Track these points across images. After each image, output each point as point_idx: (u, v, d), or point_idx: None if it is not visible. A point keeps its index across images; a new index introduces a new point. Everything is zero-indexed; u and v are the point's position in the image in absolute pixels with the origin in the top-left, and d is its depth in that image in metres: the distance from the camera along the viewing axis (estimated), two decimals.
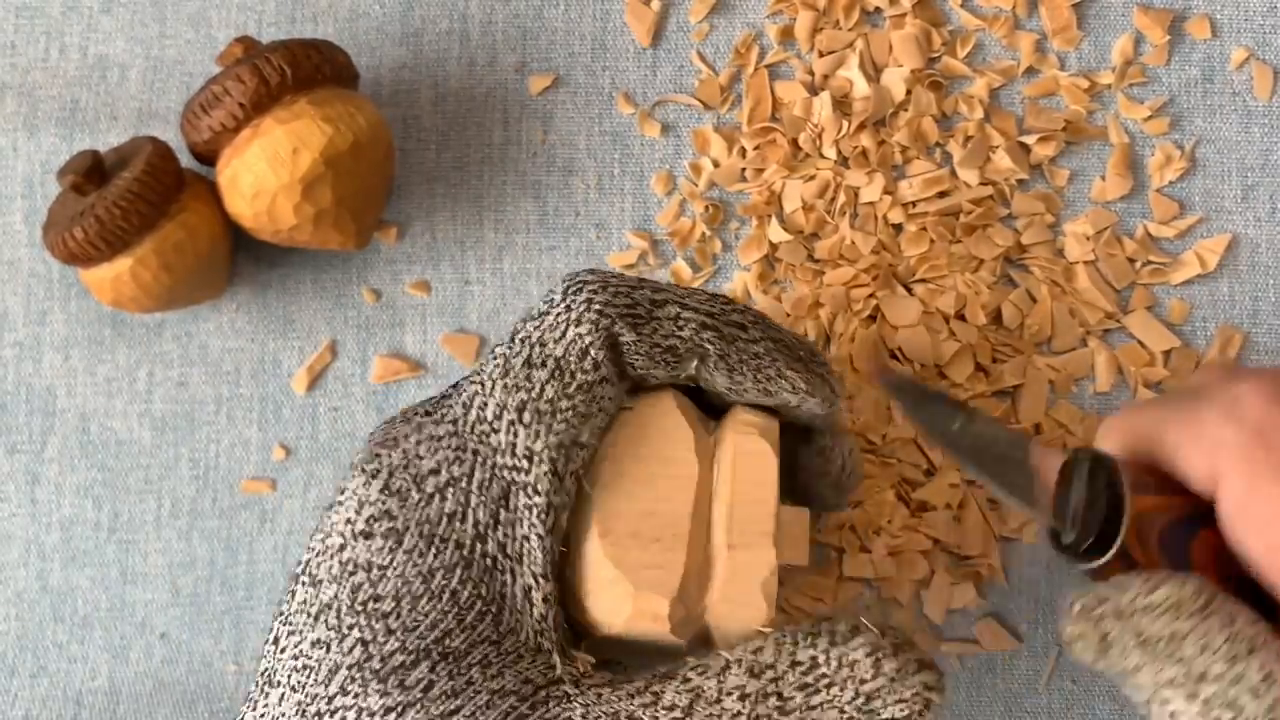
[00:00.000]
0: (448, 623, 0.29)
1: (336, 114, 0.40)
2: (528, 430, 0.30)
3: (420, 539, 0.30)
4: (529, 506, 0.30)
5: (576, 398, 0.31)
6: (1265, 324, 0.44)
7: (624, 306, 0.31)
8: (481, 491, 0.30)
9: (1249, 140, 0.44)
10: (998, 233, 0.43)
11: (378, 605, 0.30)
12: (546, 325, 0.31)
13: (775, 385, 0.32)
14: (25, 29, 0.46)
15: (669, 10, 0.45)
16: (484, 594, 0.30)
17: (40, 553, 0.44)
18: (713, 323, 0.32)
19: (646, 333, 0.31)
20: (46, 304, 0.45)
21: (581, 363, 0.31)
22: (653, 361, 0.32)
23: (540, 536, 0.30)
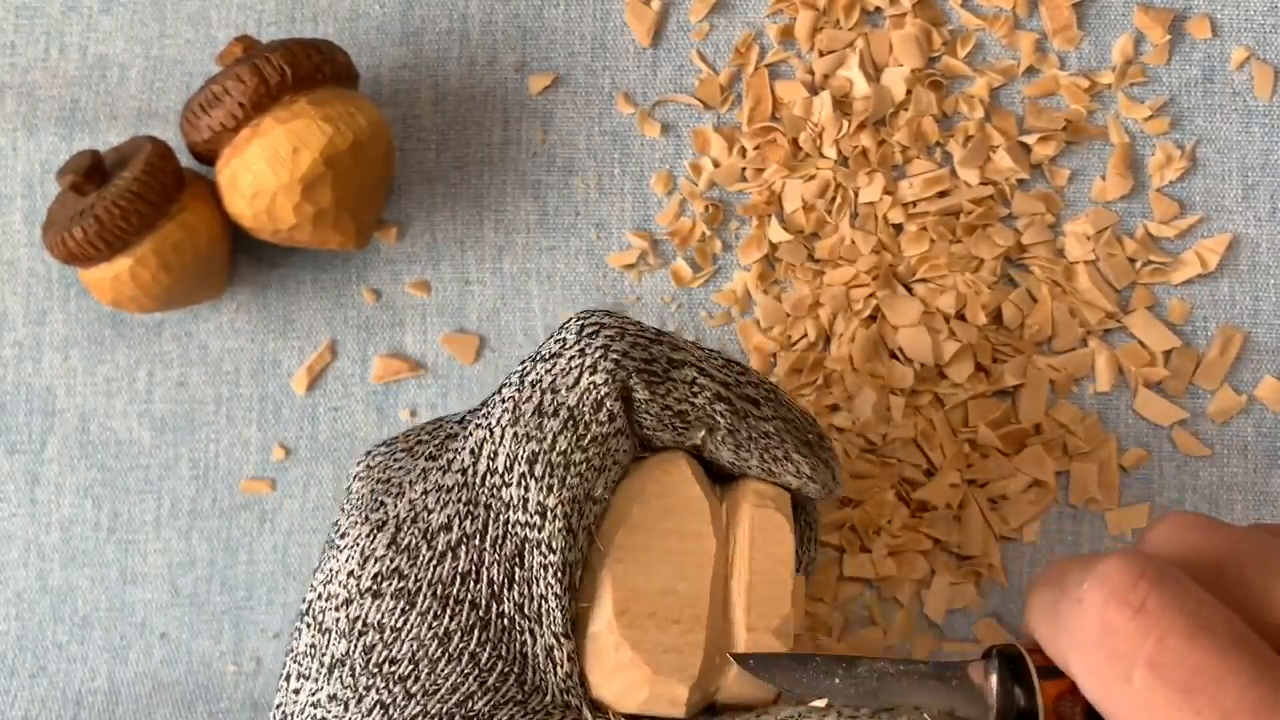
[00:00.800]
0: (469, 685, 0.29)
1: (336, 114, 0.40)
2: (539, 484, 0.29)
3: (435, 600, 0.29)
4: (545, 565, 0.29)
5: (590, 450, 0.29)
6: (1266, 323, 0.43)
7: (641, 361, 0.30)
8: (495, 550, 0.29)
9: (1249, 140, 0.44)
10: (998, 232, 0.43)
11: (394, 669, 0.29)
12: (559, 370, 0.30)
13: (780, 466, 0.31)
14: (25, 28, 0.46)
15: (669, 10, 0.45)
16: (504, 654, 0.29)
17: (40, 553, 0.44)
18: (727, 394, 0.31)
19: (660, 393, 0.30)
20: (46, 304, 0.45)
21: (596, 414, 0.30)
22: (661, 424, 0.31)
23: (557, 595, 0.29)
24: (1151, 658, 0.24)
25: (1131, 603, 0.24)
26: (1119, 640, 0.24)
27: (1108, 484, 0.43)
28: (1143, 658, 0.24)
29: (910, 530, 0.42)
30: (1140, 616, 0.24)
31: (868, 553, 0.42)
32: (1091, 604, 0.25)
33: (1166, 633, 0.24)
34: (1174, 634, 0.24)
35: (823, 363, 0.43)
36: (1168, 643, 0.24)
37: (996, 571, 0.42)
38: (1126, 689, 0.24)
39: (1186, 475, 0.43)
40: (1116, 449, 0.43)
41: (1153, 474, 0.43)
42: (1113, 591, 0.25)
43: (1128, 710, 0.24)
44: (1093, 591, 0.25)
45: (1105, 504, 0.43)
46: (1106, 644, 0.24)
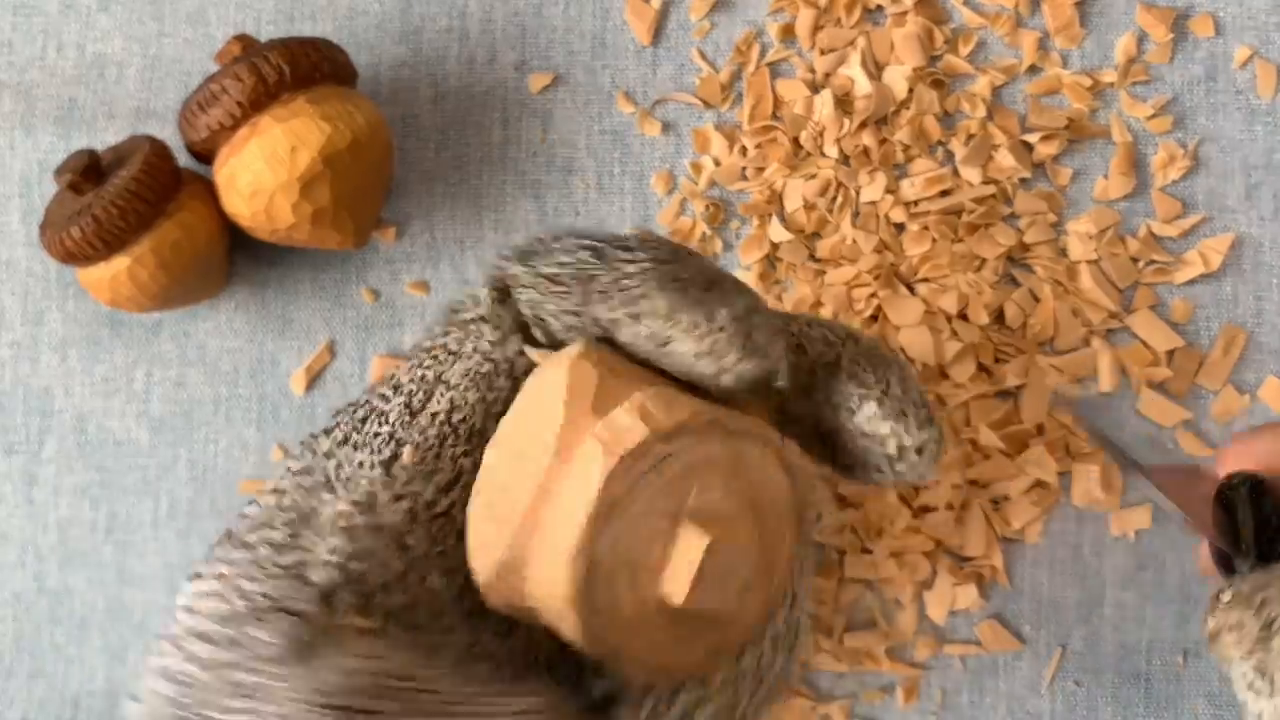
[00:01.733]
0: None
1: (335, 112, 0.40)
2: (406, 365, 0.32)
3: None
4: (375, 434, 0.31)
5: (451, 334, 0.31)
6: (1269, 323, 0.43)
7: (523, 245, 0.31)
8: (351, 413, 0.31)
9: (1252, 139, 0.44)
10: (1000, 232, 0.43)
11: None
12: None
13: (640, 306, 0.29)
14: (22, 27, 0.46)
15: (669, 8, 0.45)
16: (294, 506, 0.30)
17: (37, 554, 0.44)
18: (594, 243, 0.30)
19: (531, 263, 0.30)
20: (44, 304, 0.45)
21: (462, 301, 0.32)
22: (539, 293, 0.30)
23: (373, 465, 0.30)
24: None
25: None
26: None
27: (1110, 484, 0.42)
28: None
29: (912, 532, 0.42)
30: None
31: (869, 554, 0.42)
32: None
33: None
34: None
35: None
36: None
37: (998, 573, 0.42)
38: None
39: None
40: None
41: None
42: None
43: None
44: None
45: (1107, 505, 0.42)
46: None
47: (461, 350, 0.31)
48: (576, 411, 0.28)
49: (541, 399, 0.29)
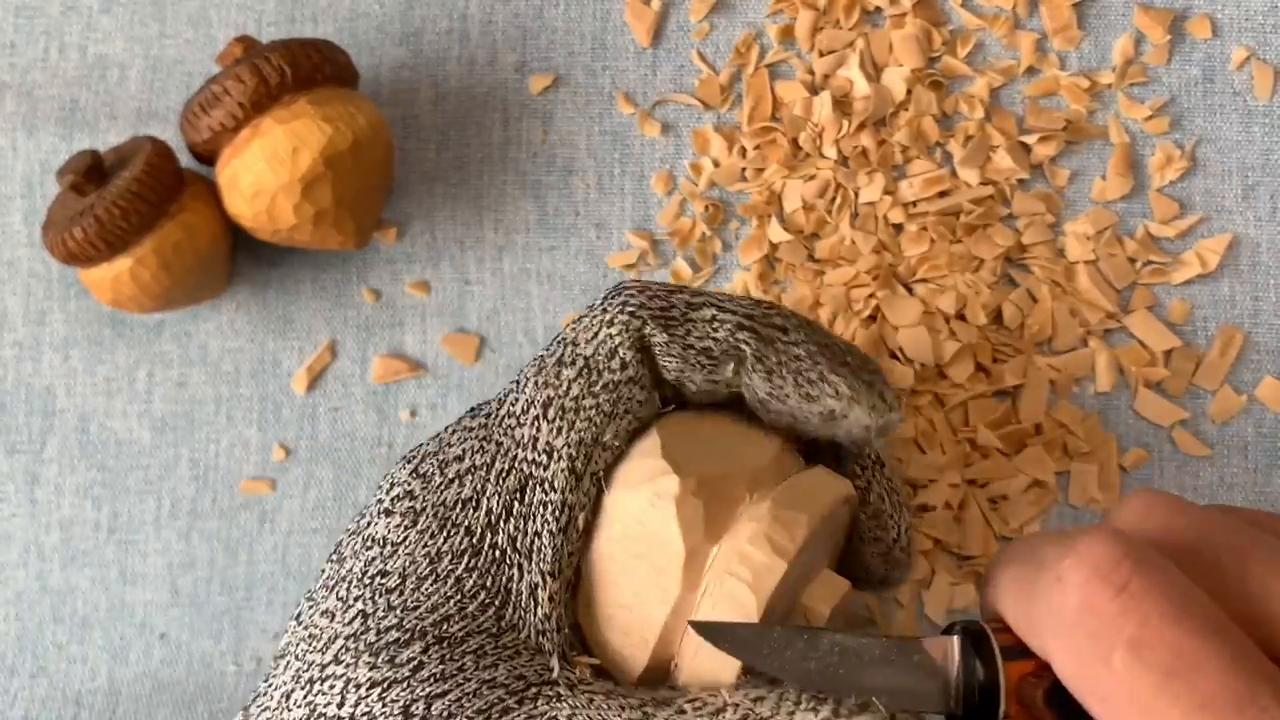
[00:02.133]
0: (448, 608, 0.29)
1: (336, 114, 0.40)
2: (550, 425, 0.30)
3: (434, 520, 0.30)
4: (543, 503, 0.30)
5: (601, 396, 0.30)
6: (1266, 324, 0.43)
7: (658, 309, 0.31)
8: (499, 482, 0.30)
9: (1250, 140, 0.44)
10: (998, 232, 0.43)
11: (384, 580, 0.30)
12: (582, 327, 0.31)
13: (817, 389, 0.31)
14: (24, 28, 0.46)
15: (669, 10, 0.45)
16: (488, 585, 0.30)
17: (40, 553, 0.44)
18: (750, 324, 0.31)
19: (680, 334, 0.31)
20: (46, 304, 0.45)
21: (610, 362, 0.31)
22: (686, 364, 0.31)
23: (551, 534, 0.29)
24: (1133, 639, 0.23)
25: (1114, 583, 0.24)
26: (1100, 620, 0.24)
27: (1108, 484, 0.43)
28: (1124, 639, 0.23)
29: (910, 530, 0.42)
30: (1122, 597, 0.24)
31: None
32: (1072, 583, 0.24)
33: (1149, 614, 0.23)
34: (1157, 616, 0.23)
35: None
36: (1150, 624, 0.23)
37: None
38: (1105, 670, 0.24)
39: (1187, 475, 0.43)
40: (1117, 449, 0.43)
41: (1153, 474, 0.43)
42: (1094, 570, 0.24)
43: (1106, 692, 0.24)
44: (1073, 570, 0.24)
45: (1106, 504, 0.43)
46: (1087, 624, 0.24)
47: (615, 411, 0.30)
48: (694, 542, 0.29)
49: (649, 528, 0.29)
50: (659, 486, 0.29)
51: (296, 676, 0.29)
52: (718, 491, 0.29)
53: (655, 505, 0.29)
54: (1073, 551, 0.25)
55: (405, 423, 0.44)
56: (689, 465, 0.30)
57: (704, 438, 0.31)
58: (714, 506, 0.29)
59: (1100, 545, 0.24)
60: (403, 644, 0.29)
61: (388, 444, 0.44)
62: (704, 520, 0.29)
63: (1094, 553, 0.24)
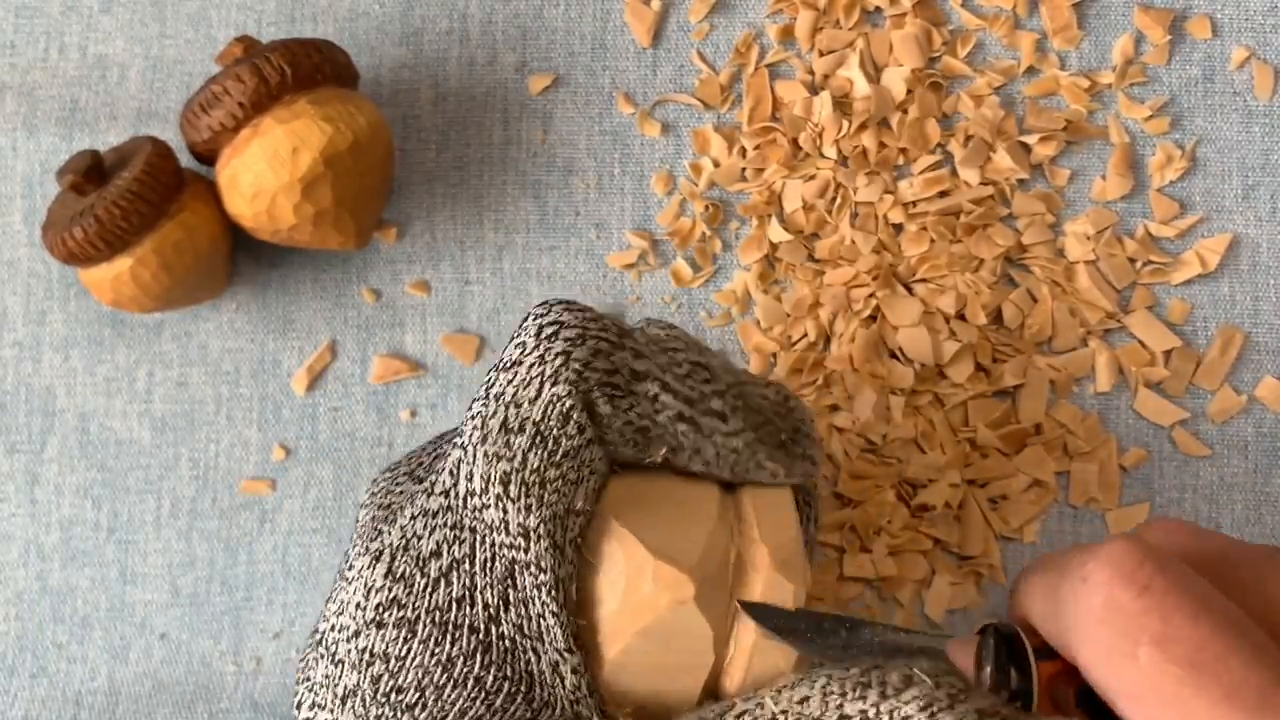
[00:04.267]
0: (477, 710, 0.29)
1: (336, 114, 0.40)
2: (516, 505, 0.29)
3: (434, 627, 0.29)
4: (537, 586, 0.29)
5: (564, 465, 0.29)
6: (1266, 323, 0.43)
7: (604, 372, 0.30)
8: (486, 573, 0.29)
9: (1249, 140, 0.44)
10: (998, 232, 0.43)
11: (401, 697, 0.29)
12: (519, 380, 0.30)
13: (753, 474, 0.32)
14: (25, 28, 0.46)
15: (669, 10, 0.45)
16: (510, 674, 0.29)
17: (40, 553, 0.44)
18: (690, 413, 0.30)
19: (623, 408, 0.30)
20: (46, 304, 0.45)
21: (564, 428, 0.29)
22: (623, 439, 0.30)
23: (555, 613, 0.29)
24: (1158, 635, 0.24)
25: (1137, 582, 0.25)
26: (1125, 618, 0.25)
27: (1108, 484, 0.43)
28: (1149, 635, 0.24)
29: (910, 530, 0.42)
30: (1146, 595, 0.25)
31: (868, 553, 0.42)
32: (1097, 583, 0.25)
33: (1172, 612, 0.24)
34: (1179, 613, 0.24)
35: (823, 363, 0.43)
36: (1173, 621, 0.24)
37: (997, 571, 0.42)
38: (1132, 666, 0.24)
39: (1186, 475, 0.43)
40: (1116, 449, 0.43)
41: (1153, 474, 0.43)
42: (1118, 571, 0.25)
43: (1132, 687, 0.25)
44: (1098, 571, 0.25)
45: (1105, 504, 0.43)
46: (1112, 621, 0.25)
47: (580, 477, 0.30)
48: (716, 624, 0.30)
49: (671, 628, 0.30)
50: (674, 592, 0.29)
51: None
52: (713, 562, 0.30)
53: (675, 611, 0.29)
54: (1096, 555, 0.26)
55: (405, 423, 0.44)
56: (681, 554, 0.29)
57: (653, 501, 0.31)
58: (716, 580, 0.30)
59: (1124, 548, 0.25)
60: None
61: (388, 444, 0.44)
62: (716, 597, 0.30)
63: (1117, 555, 0.25)
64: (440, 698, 0.29)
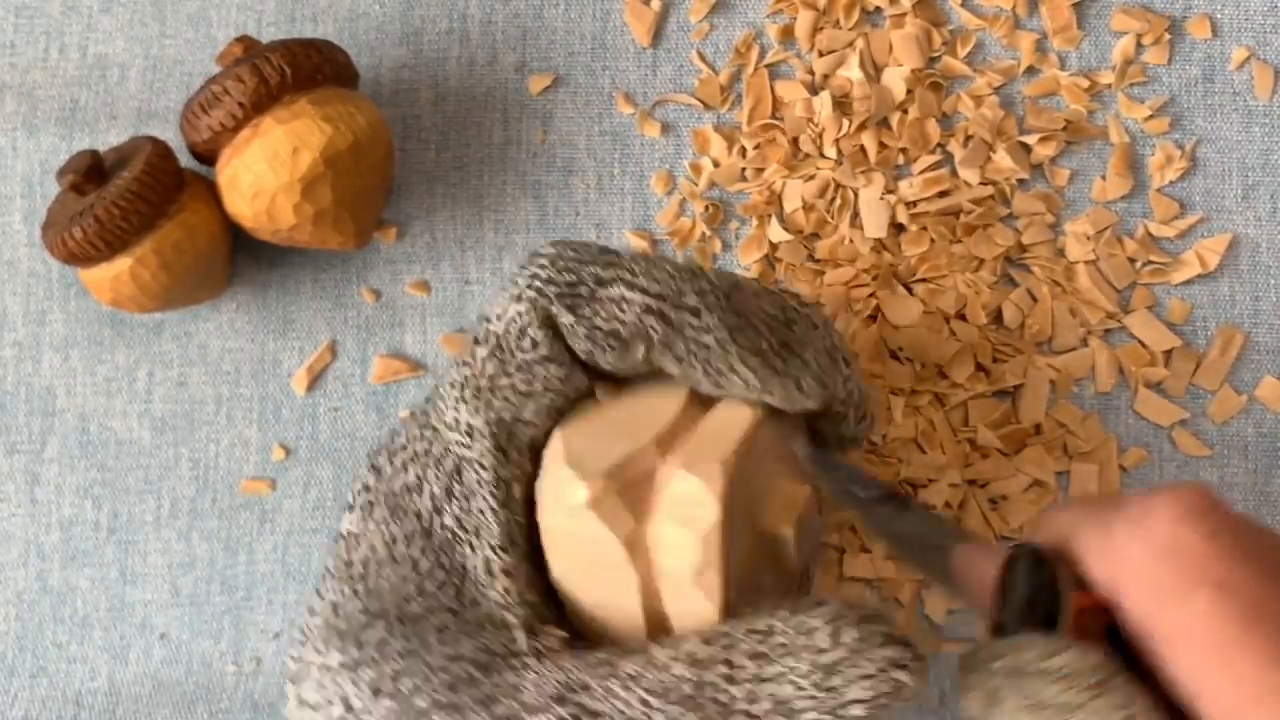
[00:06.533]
0: (407, 588, 0.30)
1: (336, 114, 0.40)
2: (468, 406, 0.31)
3: (386, 508, 0.31)
4: (479, 481, 0.30)
5: (516, 376, 0.31)
6: (1266, 323, 0.43)
7: (565, 285, 0.31)
8: (437, 465, 0.31)
9: (1249, 140, 0.44)
10: (998, 232, 0.43)
11: (349, 569, 0.31)
12: (498, 301, 0.32)
13: (726, 380, 0.31)
14: (25, 28, 0.46)
15: (669, 10, 0.45)
16: (444, 564, 0.30)
17: (40, 553, 0.44)
18: (659, 306, 0.31)
19: (585, 315, 0.31)
20: (46, 304, 0.45)
21: (520, 342, 0.31)
22: (595, 345, 0.31)
23: (493, 510, 0.30)
24: (1220, 580, 0.24)
25: (1206, 524, 0.24)
26: (1188, 558, 0.24)
27: (1108, 484, 0.43)
28: (1211, 578, 0.24)
29: None
30: (1214, 540, 0.24)
31: (868, 553, 0.42)
32: (1162, 517, 0.25)
33: (1240, 560, 0.24)
34: (1245, 564, 0.24)
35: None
36: (1238, 570, 0.24)
37: None
38: (1185, 608, 0.24)
39: (1187, 475, 0.43)
40: (1116, 449, 0.43)
41: (1153, 474, 0.43)
42: (1188, 509, 0.24)
43: (1181, 628, 0.24)
44: (1166, 506, 0.25)
45: None
46: (1174, 560, 0.24)
47: (532, 390, 0.31)
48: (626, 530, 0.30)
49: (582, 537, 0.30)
50: (571, 498, 0.29)
51: (292, 676, 0.30)
52: (629, 473, 0.30)
53: (575, 516, 0.29)
54: (1166, 491, 0.25)
55: None
56: (592, 460, 0.30)
57: (609, 418, 0.32)
58: (631, 489, 0.30)
59: (1195, 489, 0.25)
60: (367, 626, 0.30)
61: None
62: (626, 507, 0.29)
63: (1189, 494, 0.25)
64: (379, 573, 0.30)
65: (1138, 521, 0.25)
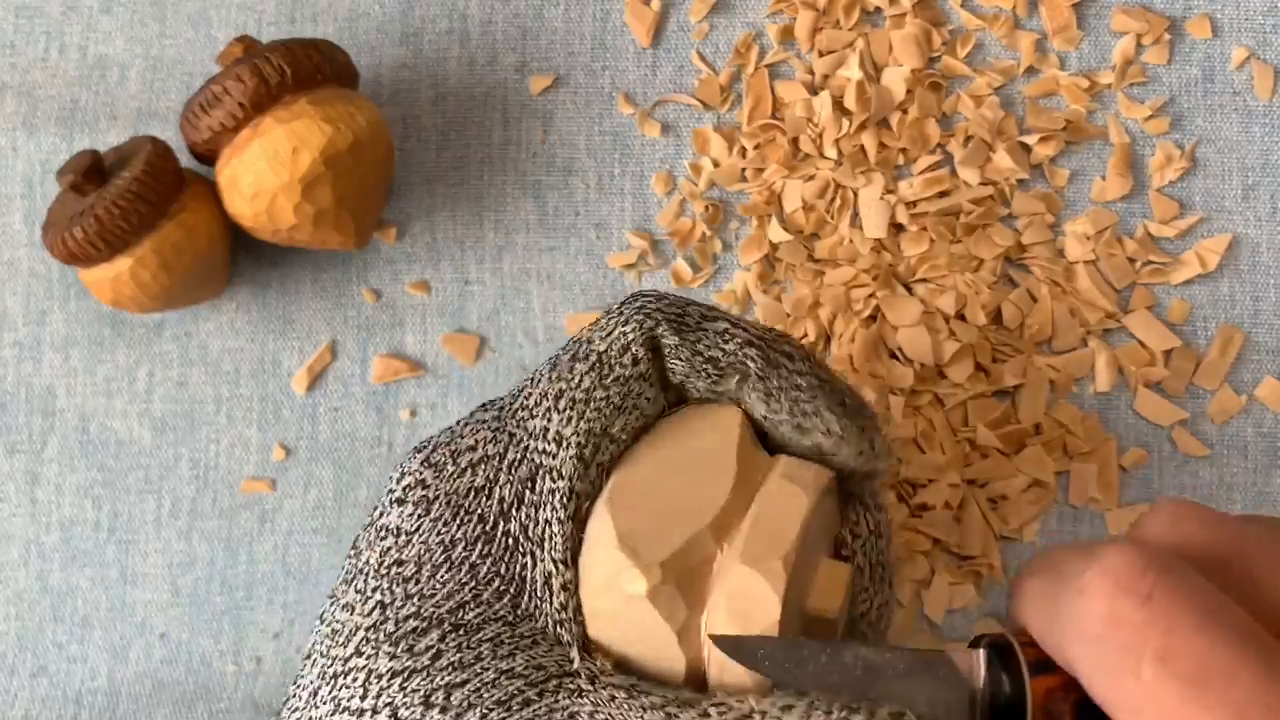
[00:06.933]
0: (464, 595, 0.29)
1: (336, 114, 0.40)
2: (561, 416, 0.31)
3: (447, 508, 0.31)
4: (552, 490, 0.30)
5: (612, 389, 0.31)
6: (1266, 324, 0.43)
7: (672, 313, 0.32)
8: (511, 471, 0.31)
9: (1249, 140, 0.44)
10: (998, 232, 0.43)
11: (400, 569, 0.30)
12: (597, 327, 0.32)
13: (810, 422, 0.31)
14: (25, 29, 0.46)
15: (669, 10, 0.45)
16: (503, 573, 0.30)
17: (40, 553, 0.44)
18: (759, 343, 0.32)
19: (690, 339, 0.31)
20: (46, 304, 0.45)
21: (621, 357, 0.31)
22: (693, 369, 0.31)
23: (561, 521, 0.30)
24: (1161, 650, 0.23)
25: (1138, 592, 0.23)
26: (1126, 632, 0.23)
27: (1107, 484, 0.43)
28: (1151, 650, 0.23)
29: (910, 530, 0.42)
30: (1147, 607, 0.23)
31: None
32: (1096, 594, 0.24)
33: (1175, 624, 0.23)
34: (1183, 625, 0.23)
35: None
36: (1177, 634, 0.23)
37: (996, 571, 0.42)
38: (1134, 682, 0.23)
39: (1186, 475, 0.43)
40: (1116, 449, 0.43)
41: (1153, 474, 0.43)
42: (1117, 581, 0.24)
43: (1135, 704, 0.23)
44: (1097, 581, 0.24)
45: (1105, 504, 0.43)
46: (1113, 636, 0.24)
47: (625, 405, 0.31)
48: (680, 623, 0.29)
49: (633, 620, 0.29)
50: (628, 586, 0.29)
51: (322, 673, 0.29)
52: (686, 562, 0.29)
53: (631, 604, 0.29)
54: (1096, 563, 0.24)
55: (405, 422, 0.44)
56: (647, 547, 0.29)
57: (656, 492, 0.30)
58: (687, 578, 0.29)
59: (1122, 555, 0.24)
60: (420, 632, 0.29)
61: (388, 444, 0.44)
62: (682, 597, 0.29)
63: (1116, 563, 0.24)
64: (434, 576, 0.30)
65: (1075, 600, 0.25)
